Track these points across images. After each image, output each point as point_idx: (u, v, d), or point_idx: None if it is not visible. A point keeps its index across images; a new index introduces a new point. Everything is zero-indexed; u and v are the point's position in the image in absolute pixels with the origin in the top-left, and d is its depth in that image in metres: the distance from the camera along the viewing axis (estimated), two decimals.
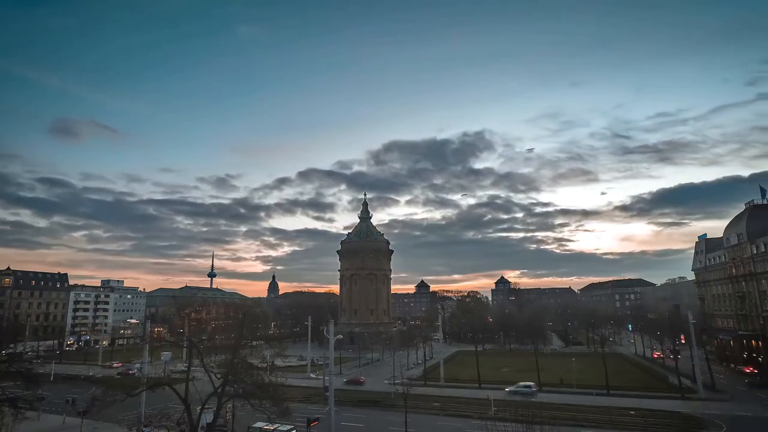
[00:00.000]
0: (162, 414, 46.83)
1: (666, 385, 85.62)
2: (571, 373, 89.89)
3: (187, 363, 48.55)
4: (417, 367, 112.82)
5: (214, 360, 49.32)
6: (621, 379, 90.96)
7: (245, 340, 49.57)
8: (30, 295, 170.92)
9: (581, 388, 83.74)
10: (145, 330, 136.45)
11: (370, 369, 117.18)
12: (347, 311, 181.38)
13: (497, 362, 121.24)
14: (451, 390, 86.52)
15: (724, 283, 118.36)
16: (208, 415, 44.78)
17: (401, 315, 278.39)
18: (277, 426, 51.29)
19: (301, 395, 78.24)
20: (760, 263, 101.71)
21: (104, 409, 61.49)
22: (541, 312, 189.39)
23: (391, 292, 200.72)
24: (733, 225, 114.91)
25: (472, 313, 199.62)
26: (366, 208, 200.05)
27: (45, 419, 64.89)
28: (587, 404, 71.57)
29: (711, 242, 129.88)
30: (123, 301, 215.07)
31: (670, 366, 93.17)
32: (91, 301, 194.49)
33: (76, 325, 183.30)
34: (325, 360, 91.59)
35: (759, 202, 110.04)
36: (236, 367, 43.89)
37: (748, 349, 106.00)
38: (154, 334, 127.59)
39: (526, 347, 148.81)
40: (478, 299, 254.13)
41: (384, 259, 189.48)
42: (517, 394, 78.87)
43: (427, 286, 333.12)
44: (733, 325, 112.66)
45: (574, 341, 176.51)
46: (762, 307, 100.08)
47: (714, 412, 65.15)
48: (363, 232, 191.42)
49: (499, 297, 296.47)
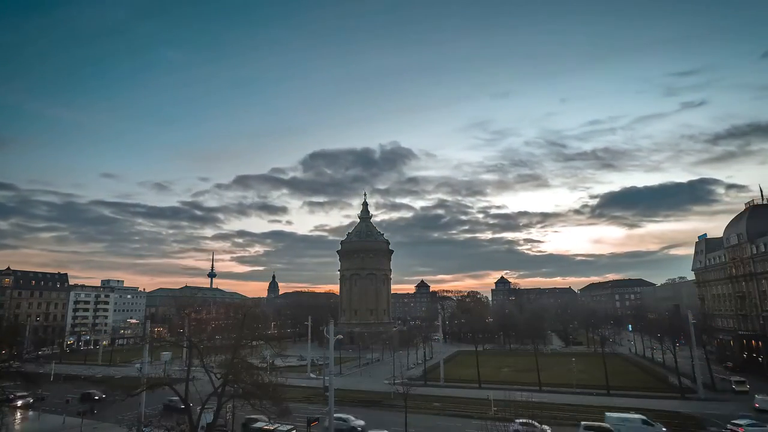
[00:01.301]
0: (162, 414, 46.83)
1: (666, 385, 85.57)
2: (571, 373, 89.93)
3: (187, 363, 48.54)
4: (417, 367, 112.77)
5: (214, 360, 49.35)
6: (621, 379, 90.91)
7: (245, 340, 49.54)
8: (30, 295, 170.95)
9: (581, 388, 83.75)
10: (145, 330, 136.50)
11: (370, 369, 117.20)
12: (347, 311, 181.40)
13: (497, 362, 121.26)
14: (451, 390, 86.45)
15: (724, 283, 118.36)
16: (208, 415, 44.78)
17: (401, 315, 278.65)
18: (277, 426, 51.31)
19: (301, 395, 78.22)
20: (760, 263, 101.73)
21: (104, 410, 62.09)
22: (541, 312, 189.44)
23: (391, 292, 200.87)
24: (733, 225, 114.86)
25: (472, 313, 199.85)
26: (366, 208, 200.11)
27: (45, 419, 64.89)
28: (587, 404, 71.50)
29: (711, 242, 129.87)
30: (123, 301, 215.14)
31: (670, 366, 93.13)
32: (91, 301, 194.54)
33: (76, 325, 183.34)
34: (325, 360, 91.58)
35: (759, 202, 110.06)
36: (236, 367, 43.88)
37: (748, 349, 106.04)
38: (154, 334, 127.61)
39: (526, 347, 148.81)
40: (478, 299, 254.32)
41: (384, 259, 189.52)
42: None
43: (427, 286, 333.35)
44: (733, 325, 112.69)
45: (574, 341, 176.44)
46: (762, 307, 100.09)
47: (714, 412, 65.12)
48: (363, 232, 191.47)
49: (499, 297, 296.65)
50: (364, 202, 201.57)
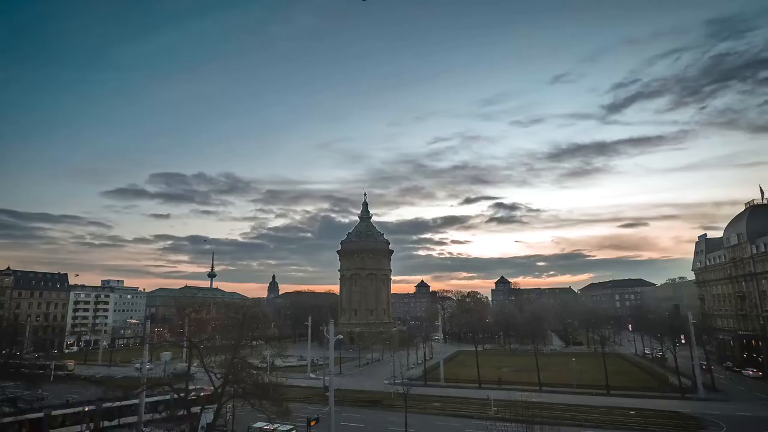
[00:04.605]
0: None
1: (666, 385, 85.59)
2: (571, 373, 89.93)
3: (187, 363, 48.55)
4: (417, 367, 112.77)
5: (214, 360, 49.35)
6: (621, 379, 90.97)
7: (245, 340, 49.56)
8: (30, 295, 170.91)
9: (581, 388, 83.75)
10: (145, 330, 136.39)
11: (370, 369, 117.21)
12: (347, 311, 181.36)
13: (497, 362, 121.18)
14: (451, 390, 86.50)
15: (724, 283, 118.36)
16: (208, 415, 44.80)
17: (401, 315, 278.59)
18: (277, 426, 51.28)
19: (301, 395, 78.17)
20: (760, 263, 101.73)
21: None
22: (541, 312, 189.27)
23: (391, 292, 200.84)
24: (733, 225, 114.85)
25: (472, 313, 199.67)
26: (366, 208, 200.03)
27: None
28: (587, 404, 71.54)
29: (711, 242, 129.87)
30: (123, 301, 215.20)
31: (670, 366, 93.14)
32: (91, 301, 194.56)
33: (76, 326, 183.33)
34: (325, 360, 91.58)
35: (759, 201, 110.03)
36: (236, 367, 43.91)
37: (748, 349, 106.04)
38: (154, 334, 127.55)
39: (526, 347, 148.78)
40: (478, 299, 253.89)
41: (384, 259, 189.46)
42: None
43: (427, 286, 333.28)
44: (733, 325, 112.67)
45: (574, 341, 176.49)
46: (762, 307, 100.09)
47: (714, 412, 65.15)
48: (363, 232, 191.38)
49: (499, 297, 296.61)
50: (364, 202, 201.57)
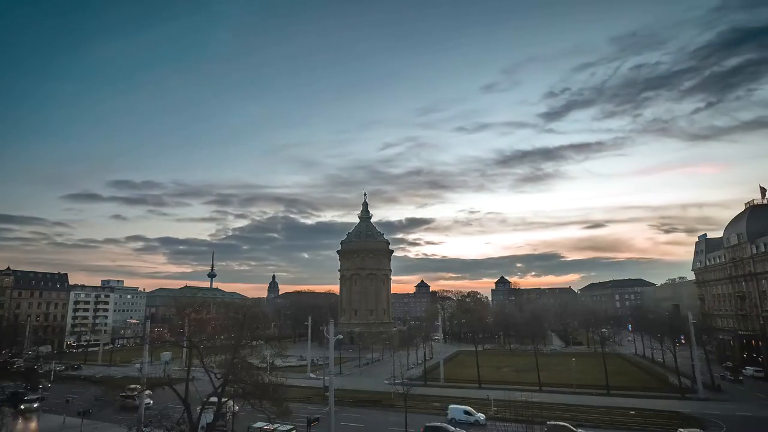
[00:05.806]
0: (162, 414, 46.81)
1: (666, 385, 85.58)
2: (571, 373, 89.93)
3: (187, 363, 48.56)
4: (417, 367, 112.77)
5: (214, 360, 49.32)
6: (621, 379, 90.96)
7: (245, 340, 49.52)
8: (30, 295, 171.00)
9: (581, 388, 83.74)
10: (145, 330, 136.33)
11: (370, 369, 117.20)
12: (347, 311, 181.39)
13: (497, 362, 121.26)
14: (451, 390, 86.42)
15: (724, 283, 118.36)
16: (208, 415, 44.78)
17: (401, 315, 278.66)
18: (277, 426, 51.26)
19: (301, 395, 78.18)
20: (760, 263, 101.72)
21: (104, 409, 62.06)
22: (541, 312, 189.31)
23: (391, 292, 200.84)
24: (733, 225, 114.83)
25: (472, 313, 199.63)
26: (366, 208, 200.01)
27: (45, 419, 64.93)
28: (587, 404, 71.54)
29: (711, 242, 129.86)
30: (123, 301, 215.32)
31: (670, 366, 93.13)
32: (91, 301, 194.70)
33: (76, 326, 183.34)
34: (325, 360, 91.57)
35: (759, 202, 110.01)
36: (236, 367, 43.88)
37: (748, 349, 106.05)
38: (154, 334, 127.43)
39: (526, 347, 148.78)
40: (478, 299, 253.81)
41: (384, 259, 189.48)
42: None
43: (427, 286, 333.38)
44: (733, 325, 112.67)
45: (574, 341, 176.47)
46: (762, 307, 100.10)
47: (714, 412, 65.14)
48: (363, 232, 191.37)
49: (499, 297, 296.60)
50: (364, 202, 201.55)
